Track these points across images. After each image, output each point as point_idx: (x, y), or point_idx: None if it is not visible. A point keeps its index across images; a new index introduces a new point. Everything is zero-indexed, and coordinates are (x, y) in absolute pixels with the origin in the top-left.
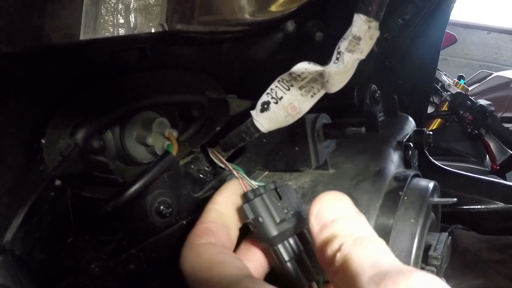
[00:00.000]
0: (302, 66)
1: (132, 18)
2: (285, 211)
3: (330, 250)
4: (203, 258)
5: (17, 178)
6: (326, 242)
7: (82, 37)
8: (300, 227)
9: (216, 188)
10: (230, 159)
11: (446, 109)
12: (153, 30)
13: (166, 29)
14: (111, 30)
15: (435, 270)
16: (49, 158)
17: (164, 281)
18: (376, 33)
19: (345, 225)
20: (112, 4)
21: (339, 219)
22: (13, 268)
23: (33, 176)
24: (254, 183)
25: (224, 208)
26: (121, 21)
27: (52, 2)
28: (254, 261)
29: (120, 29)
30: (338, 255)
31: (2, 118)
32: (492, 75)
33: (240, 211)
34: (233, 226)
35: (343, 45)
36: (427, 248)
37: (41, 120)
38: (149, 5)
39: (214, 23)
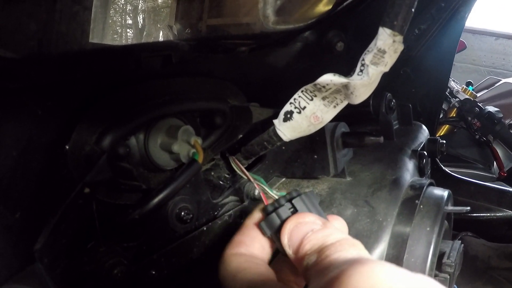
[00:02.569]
0: (328, 78)
1: (140, 19)
2: None
3: (302, 270)
4: (231, 266)
5: (39, 183)
6: (300, 265)
7: (91, 38)
8: None
9: (235, 195)
10: (249, 165)
11: (454, 115)
12: (161, 32)
13: (175, 31)
14: (119, 31)
15: (448, 277)
16: (73, 164)
17: (184, 286)
18: (400, 47)
19: (311, 243)
20: (121, 5)
21: (305, 239)
22: (43, 277)
23: (55, 182)
24: (275, 194)
25: None
26: (129, 22)
27: (82, 7)
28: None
29: (128, 30)
30: (308, 272)
31: (29, 124)
32: (500, 82)
33: (260, 227)
34: (268, 240)
35: (367, 57)
36: (441, 256)
37: (66, 126)
38: (157, 6)
39: (225, 27)
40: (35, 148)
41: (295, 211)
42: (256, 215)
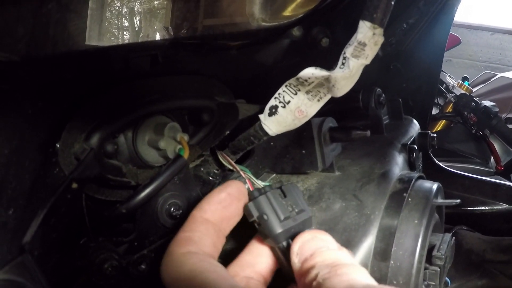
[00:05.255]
0: (309, 71)
1: (136, 21)
2: (290, 208)
3: (307, 279)
4: (184, 268)
5: (32, 181)
6: (305, 273)
7: (87, 41)
8: (306, 225)
9: None
10: (238, 162)
11: (450, 111)
12: (157, 34)
13: (171, 32)
14: (116, 33)
15: (439, 270)
16: (64, 162)
17: None
18: (381, 39)
19: (323, 256)
20: (117, 8)
21: (318, 252)
22: (33, 268)
23: (48, 179)
24: (261, 183)
25: (210, 216)
26: (126, 24)
27: (69, 10)
28: (262, 260)
29: (124, 32)
30: (314, 283)
31: (20, 123)
32: (497, 76)
33: (245, 210)
34: (219, 234)
35: (348, 50)
36: (431, 249)
37: (57, 125)
38: (153, 8)
39: (220, 26)
40: (27, 146)
41: (284, 196)
42: (206, 206)
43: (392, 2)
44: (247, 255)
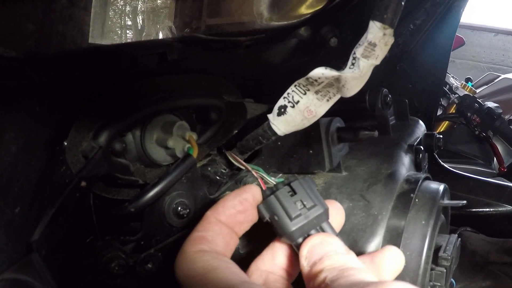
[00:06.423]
0: (319, 71)
1: (139, 20)
2: (301, 206)
3: (316, 282)
4: (196, 264)
5: (39, 179)
6: (314, 277)
7: (90, 39)
8: (320, 219)
9: (232, 190)
10: (245, 162)
11: (454, 112)
12: (160, 32)
13: (174, 31)
14: (119, 32)
15: (445, 270)
16: (71, 160)
17: None
18: (391, 40)
19: (332, 260)
20: (120, 7)
21: (326, 256)
22: (41, 267)
23: (54, 177)
24: (274, 180)
25: (224, 219)
26: (129, 23)
27: (78, 7)
28: (284, 255)
29: (127, 31)
30: (323, 285)
31: (27, 121)
32: (500, 78)
33: (258, 211)
34: (232, 235)
35: (358, 51)
36: (437, 249)
37: (64, 123)
38: (156, 7)
39: (223, 26)
40: (34, 144)
41: (293, 194)
42: (220, 208)
43: (403, 3)
44: (270, 250)
